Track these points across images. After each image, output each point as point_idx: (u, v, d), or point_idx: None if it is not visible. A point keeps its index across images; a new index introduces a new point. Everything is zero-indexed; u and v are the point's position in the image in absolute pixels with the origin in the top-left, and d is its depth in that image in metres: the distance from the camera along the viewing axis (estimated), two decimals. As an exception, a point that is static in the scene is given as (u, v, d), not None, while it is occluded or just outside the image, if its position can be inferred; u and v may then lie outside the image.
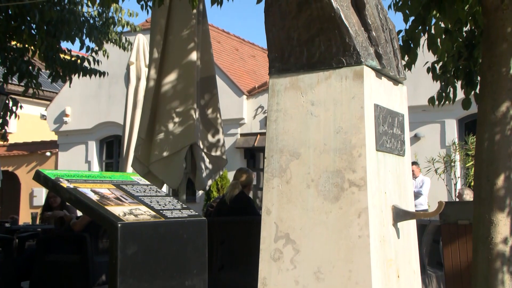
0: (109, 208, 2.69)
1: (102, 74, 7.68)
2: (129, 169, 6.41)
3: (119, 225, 2.56)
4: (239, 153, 14.27)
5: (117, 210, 2.69)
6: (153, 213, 2.84)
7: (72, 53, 7.66)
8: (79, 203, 2.76)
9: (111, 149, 16.29)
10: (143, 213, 2.79)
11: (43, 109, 17.01)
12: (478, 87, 4.42)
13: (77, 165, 15.48)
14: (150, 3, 5.96)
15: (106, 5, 4.85)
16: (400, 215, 2.15)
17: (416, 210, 2.48)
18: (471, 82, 5.26)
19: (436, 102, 5.61)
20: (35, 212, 9.14)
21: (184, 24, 5.40)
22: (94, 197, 2.76)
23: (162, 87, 5.31)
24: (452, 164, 11.19)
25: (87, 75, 7.59)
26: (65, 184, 2.81)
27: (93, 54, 7.78)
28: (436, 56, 5.08)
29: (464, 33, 5.29)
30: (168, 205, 3.02)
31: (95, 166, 16.10)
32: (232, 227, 5.40)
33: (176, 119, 5.24)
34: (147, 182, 3.39)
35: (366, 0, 2.07)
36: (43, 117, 16.93)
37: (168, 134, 5.21)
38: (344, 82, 2.07)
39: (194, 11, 5.31)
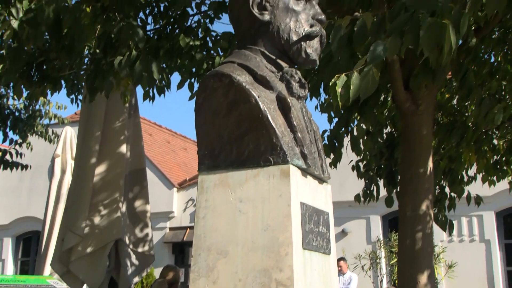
0: (20, 313, 2.48)
1: (25, 167, 7.38)
2: (47, 268, 6.01)
3: (30, 331, 2.35)
4: (167, 248, 13.82)
5: (28, 315, 2.48)
6: (68, 318, 2.64)
7: (-6, 145, 7.37)
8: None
9: (28, 247, 15.25)
10: (58, 319, 2.58)
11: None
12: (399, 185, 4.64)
13: (-10, 263, 14.32)
14: (80, 97, 5.94)
15: (34, 98, 4.78)
16: (328, 315, 2.12)
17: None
18: (393, 181, 5.52)
19: (362, 199, 5.81)
20: None
21: (115, 117, 5.40)
22: (4, 302, 2.54)
23: (88, 180, 5.16)
24: (378, 260, 11.40)
25: (8, 169, 7.26)
26: (-28, 288, 2.58)
27: (17, 146, 7.51)
28: (359, 156, 5.33)
29: (384, 134, 5.63)
30: (86, 309, 2.82)
31: (10, 265, 14.94)
32: (156, 330, 5.09)
33: (102, 213, 5.06)
34: (64, 286, 3.18)
35: (291, 103, 2.17)
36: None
37: (92, 229, 4.99)
38: (272, 180, 2.11)
39: (126, 104, 5.34)
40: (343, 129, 4.86)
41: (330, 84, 2.56)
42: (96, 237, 4.98)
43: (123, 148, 5.36)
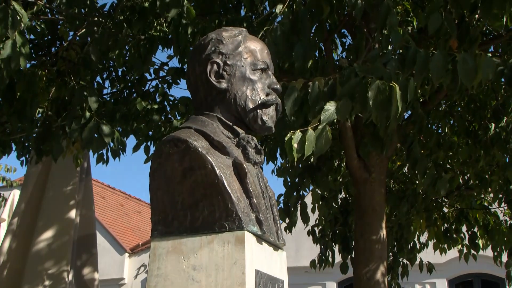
0: None
1: (-32, 230, 7.01)
2: None
3: None
4: (116, 319, 13.18)
5: None
6: None
7: None
8: None
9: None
10: None
11: None
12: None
13: None
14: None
15: (-18, 160, 4.63)
16: None
17: None
18: (347, 247, 5.54)
19: (318, 265, 5.78)
20: None
21: (65, 181, 5.25)
22: None
23: (33, 247, 4.93)
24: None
25: (-51, 231, 6.88)
26: None
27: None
28: (305, 223, 5.34)
29: (339, 199, 5.70)
30: None
31: None
32: None
33: (46, 283, 4.80)
34: None
35: (247, 169, 2.19)
36: None
37: (35, 300, 4.72)
38: (226, 247, 2.08)
39: (78, 168, 5.23)
40: (294, 194, 4.89)
41: (286, 139, 2.60)
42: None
43: (72, 213, 5.19)
